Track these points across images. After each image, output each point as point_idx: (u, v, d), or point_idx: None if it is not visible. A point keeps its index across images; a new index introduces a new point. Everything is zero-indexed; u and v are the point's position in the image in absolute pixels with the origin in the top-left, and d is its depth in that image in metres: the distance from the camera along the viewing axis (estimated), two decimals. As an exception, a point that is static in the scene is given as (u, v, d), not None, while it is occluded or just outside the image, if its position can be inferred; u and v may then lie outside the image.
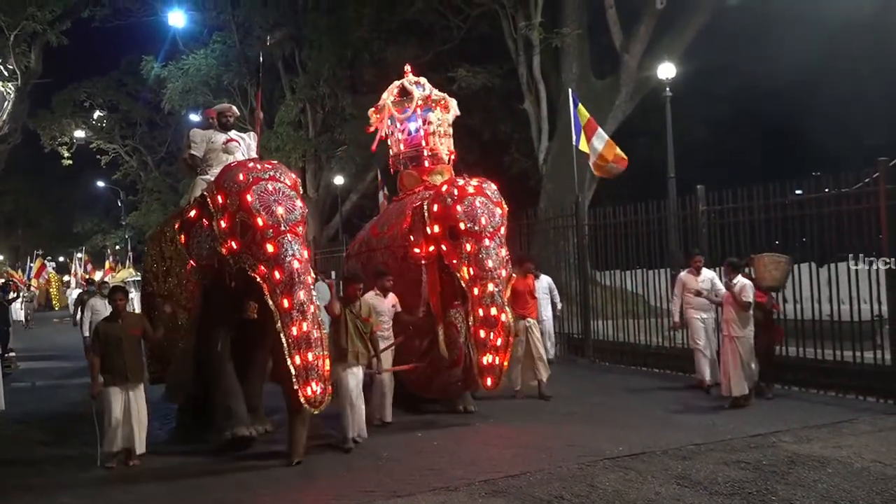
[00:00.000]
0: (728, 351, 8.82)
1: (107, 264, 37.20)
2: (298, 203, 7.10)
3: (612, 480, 6.12)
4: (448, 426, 8.37)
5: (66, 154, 33.76)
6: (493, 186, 8.91)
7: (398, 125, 10.38)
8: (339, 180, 26.06)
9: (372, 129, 10.82)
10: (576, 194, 13.87)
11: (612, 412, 8.74)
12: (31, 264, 38.45)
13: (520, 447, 7.41)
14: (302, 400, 6.55)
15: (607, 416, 8.58)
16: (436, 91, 10.39)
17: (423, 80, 10.54)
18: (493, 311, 8.09)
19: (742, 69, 21.64)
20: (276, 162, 7.56)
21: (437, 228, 8.53)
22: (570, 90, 14.62)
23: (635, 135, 21.49)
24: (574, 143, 13.75)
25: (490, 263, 8.21)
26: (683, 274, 10.12)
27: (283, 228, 6.83)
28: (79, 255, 40.71)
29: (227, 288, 7.35)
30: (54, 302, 40.42)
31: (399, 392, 8.67)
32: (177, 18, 25.24)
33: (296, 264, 6.77)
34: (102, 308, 12.31)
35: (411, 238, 8.84)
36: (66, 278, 43.70)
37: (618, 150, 13.43)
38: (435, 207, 8.62)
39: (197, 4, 25.38)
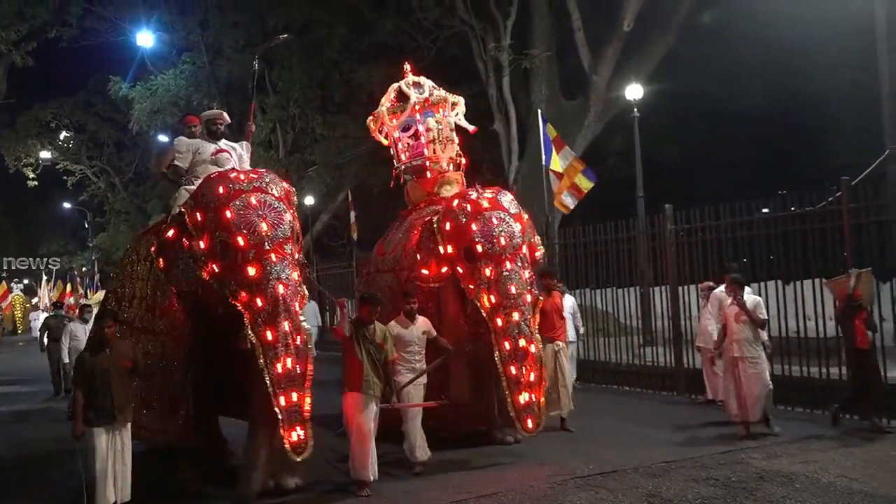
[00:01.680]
0: (740, 373, 8.10)
1: (68, 287, 36.02)
2: (287, 217, 6.22)
3: (583, 499, 6.12)
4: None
5: (32, 175, 33.28)
6: (510, 196, 8.04)
7: (395, 134, 9.49)
8: (309, 200, 26.00)
9: (377, 136, 9.91)
10: (546, 214, 13.97)
11: (583, 430, 8.71)
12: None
13: (491, 466, 7.37)
14: (287, 446, 5.76)
15: (578, 435, 8.56)
16: (437, 91, 9.44)
17: (423, 79, 9.61)
18: (522, 342, 7.19)
19: (710, 90, 21.99)
20: (264, 171, 6.64)
21: (450, 249, 7.67)
22: (539, 111, 14.75)
23: (604, 155, 21.73)
24: (545, 163, 13.84)
25: (513, 289, 7.30)
26: (719, 291, 9.09)
27: (266, 248, 5.98)
28: (45, 276, 40.03)
29: (215, 316, 6.46)
30: (18, 325, 39.65)
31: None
32: (145, 39, 25.05)
33: (280, 289, 5.92)
34: (82, 334, 11.81)
35: (418, 258, 8.03)
36: (34, 300, 42.93)
37: (580, 177, 13.29)
38: (447, 225, 7.72)
39: (166, 25, 25.26)
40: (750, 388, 8.01)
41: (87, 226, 43.25)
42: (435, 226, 7.85)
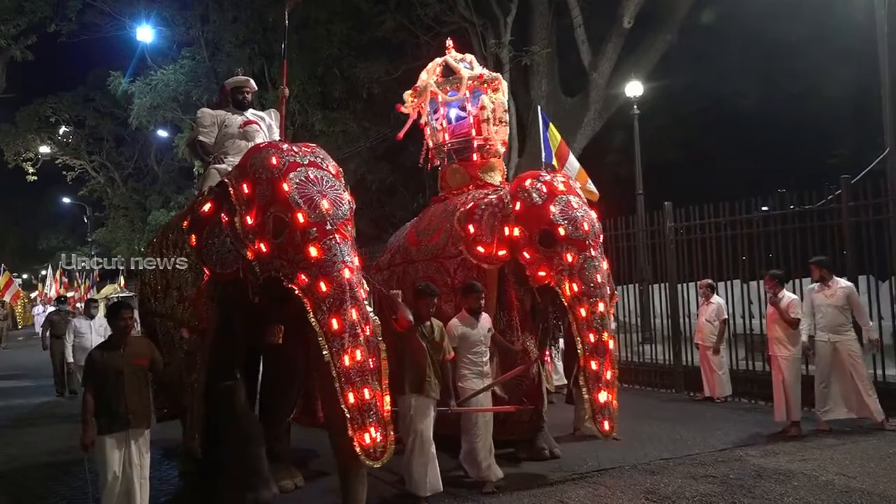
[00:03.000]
0: (780, 371, 8.12)
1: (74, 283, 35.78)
2: (346, 196, 5.60)
3: (582, 496, 6.13)
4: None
5: (31, 170, 33.26)
6: (578, 184, 7.50)
7: (440, 110, 8.72)
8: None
9: (407, 111, 9.08)
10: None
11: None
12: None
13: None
14: (358, 450, 5.00)
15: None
16: (487, 71, 8.89)
17: (469, 56, 9.06)
18: (605, 336, 6.69)
19: (710, 87, 22.02)
20: (313, 145, 5.96)
21: (517, 231, 7.02)
22: (538, 107, 14.73)
23: (604, 152, 21.72)
24: (544, 160, 13.80)
25: (599, 278, 6.76)
26: (814, 292, 8.38)
27: (328, 228, 5.30)
28: (43, 272, 40.04)
29: (248, 306, 5.76)
30: (18, 320, 39.66)
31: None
32: (145, 34, 25.00)
33: (347, 273, 5.24)
34: (87, 330, 11.44)
35: (470, 230, 7.20)
36: (32, 295, 42.96)
37: (589, 183, 13.18)
38: (517, 205, 7.07)
39: (166, 20, 25.20)
40: (789, 385, 8.05)
41: (86, 221, 43.25)
42: (507, 202, 7.16)
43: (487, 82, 8.60)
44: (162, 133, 29.57)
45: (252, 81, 7.40)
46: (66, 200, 45.15)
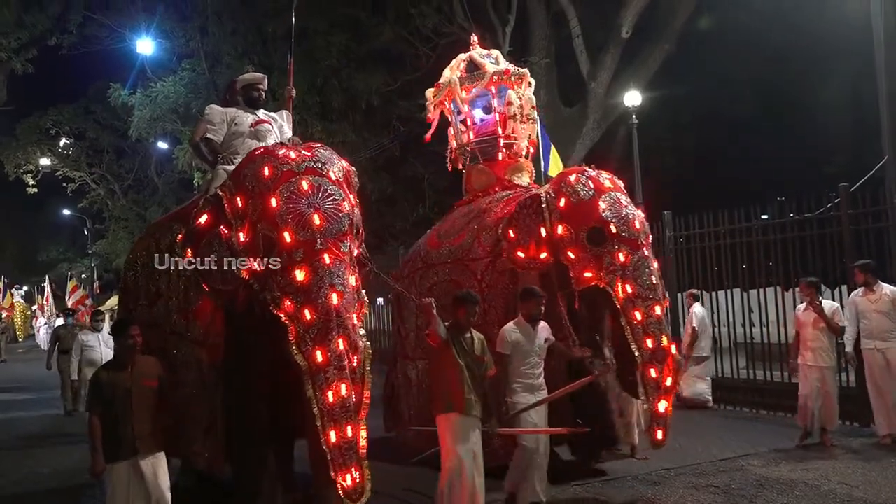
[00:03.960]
0: (819, 383, 7.81)
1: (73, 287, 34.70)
2: (345, 206, 5.11)
3: (583, 507, 6.11)
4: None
5: (32, 182, 33.31)
6: (620, 182, 6.99)
7: (464, 108, 8.32)
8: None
9: (431, 113, 8.67)
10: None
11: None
12: (-4, 294, 37.62)
13: (488, 475, 7.29)
14: (340, 491, 4.74)
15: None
16: (513, 66, 8.46)
17: (495, 52, 8.67)
18: (664, 340, 6.27)
19: (708, 96, 22.06)
20: (318, 145, 5.53)
21: (561, 230, 6.59)
22: (538, 117, 14.75)
23: (603, 161, 21.72)
24: (543, 169, 13.82)
25: (654, 279, 6.40)
26: (858, 297, 8.12)
27: (318, 247, 4.89)
28: (43, 284, 40.02)
29: (258, 320, 5.31)
30: (18, 332, 39.61)
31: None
32: (145, 46, 25.10)
33: (334, 299, 4.83)
34: (96, 343, 10.66)
35: (511, 235, 6.73)
36: (33, 307, 42.92)
37: None
38: (562, 201, 6.62)
39: (165, 33, 25.29)
40: (831, 398, 7.79)
41: (86, 232, 43.25)
42: (544, 201, 6.73)
43: (514, 77, 8.18)
44: (162, 145, 29.58)
45: (266, 79, 6.83)
46: (67, 212, 45.14)
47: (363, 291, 5.21)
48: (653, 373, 6.19)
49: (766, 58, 20.37)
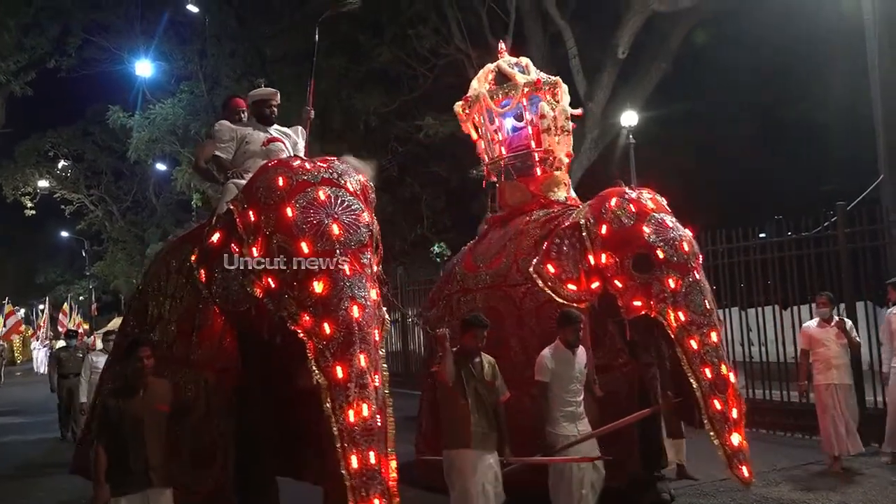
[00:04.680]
0: (841, 403, 7.50)
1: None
2: (364, 217, 4.80)
3: (583, 529, 6.03)
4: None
5: (30, 204, 33.36)
6: (664, 200, 6.62)
7: (495, 121, 7.94)
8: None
9: (463, 127, 8.41)
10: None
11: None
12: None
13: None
14: None
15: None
16: (545, 74, 8.06)
17: (525, 60, 8.22)
18: (723, 369, 5.92)
19: (705, 116, 22.13)
20: (334, 158, 5.20)
21: (605, 258, 6.25)
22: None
23: (600, 181, 21.75)
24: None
25: (707, 304, 6.04)
26: (893, 314, 7.84)
27: (337, 259, 4.64)
28: (41, 306, 39.88)
29: (271, 344, 5.09)
30: (16, 354, 39.42)
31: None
32: (144, 68, 25.24)
33: (355, 312, 4.50)
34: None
35: (551, 269, 6.35)
36: (30, 330, 42.70)
37: None
38: (603, 229, 6.29)
39: (164, 55, 25.45)
40: (853, 418, 7.55)
41: (84, 255, 43.19)
42: (584, 228, 6.41)
43: (546, 87, 7.84)
44: (160, 166, 29.71)
45: (278, 94, 6.41)
46: (65, 234, 45.11)
47: (383, 309, 4.87)
48: (717, 404, 5.86)
49: (762, 77, 20.47)
